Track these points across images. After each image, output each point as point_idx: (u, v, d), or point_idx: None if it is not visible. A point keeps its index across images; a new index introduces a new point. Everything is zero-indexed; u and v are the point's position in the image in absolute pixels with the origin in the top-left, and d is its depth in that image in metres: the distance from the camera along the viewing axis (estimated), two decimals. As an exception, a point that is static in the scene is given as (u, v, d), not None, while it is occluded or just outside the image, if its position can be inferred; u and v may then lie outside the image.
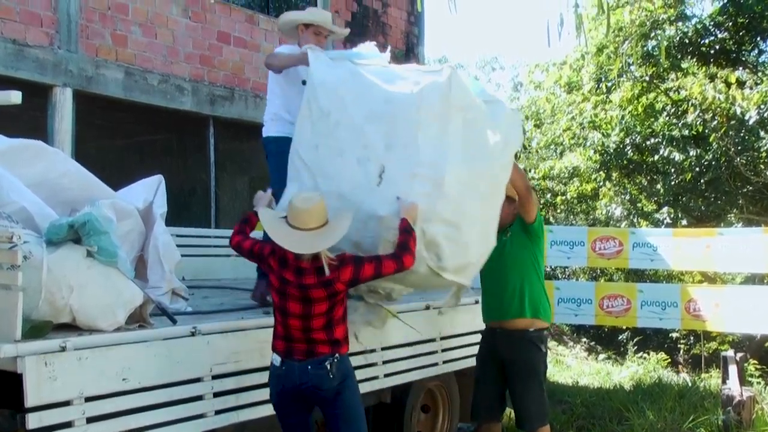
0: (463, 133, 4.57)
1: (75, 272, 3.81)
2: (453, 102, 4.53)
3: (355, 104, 4.70)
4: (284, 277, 4.10)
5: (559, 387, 10.73)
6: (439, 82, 4.54)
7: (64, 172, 4.63)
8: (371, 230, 4.46)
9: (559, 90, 17.88)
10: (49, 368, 3.44)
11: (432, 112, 4.51)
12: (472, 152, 4.59)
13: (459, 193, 4.52)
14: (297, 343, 4.11)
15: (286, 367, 4.10)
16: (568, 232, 10.76)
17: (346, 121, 4.70)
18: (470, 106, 4.66)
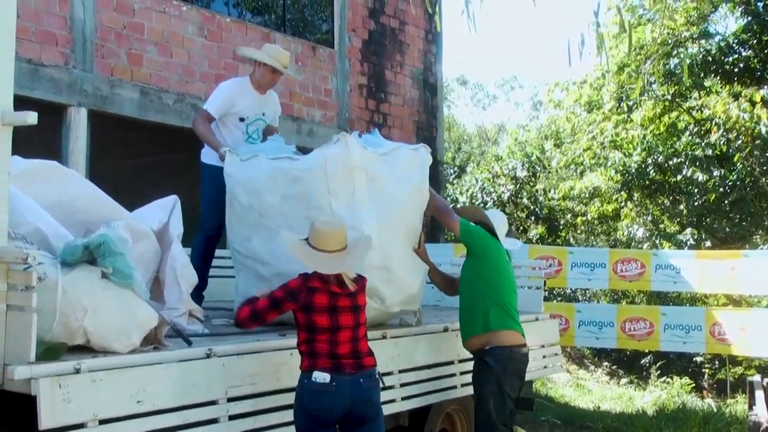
0: (368, 188, 5.22)
1: (89, 294, 3.84)
2: (354, 164, 5.16)
3: (269, 191, 5.33)
4: (333, 291, 4.30)
5: (580, 412, 10.68)
6: (338, 150, 5.15)
7: (79, 194, 4.67)
8: None
9: (580, 109, 17.89)
10: (63, 390, 3.46)
11: (338, 179, 5.11)
12: (382, 202, 5.24)
13: (381, 241, 5.11)
14: (345, 359, 4.25)
15: (337, 383, 4.18)
16: (588, 254, 10.76)
17: (267, 209, 5.34)
18: (370, 163, 5.29)
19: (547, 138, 21.02)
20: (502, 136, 33.71)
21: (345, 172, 5.15)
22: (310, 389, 4.20)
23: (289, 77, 6.86)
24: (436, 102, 13.52)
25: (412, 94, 12.93)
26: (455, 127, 34.28)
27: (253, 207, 5.41)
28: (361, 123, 11.88)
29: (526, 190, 19.80)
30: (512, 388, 5.38)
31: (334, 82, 11.44)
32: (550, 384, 13.17)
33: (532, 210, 19.76)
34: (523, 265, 8.09)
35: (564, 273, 10.00)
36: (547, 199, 19.82)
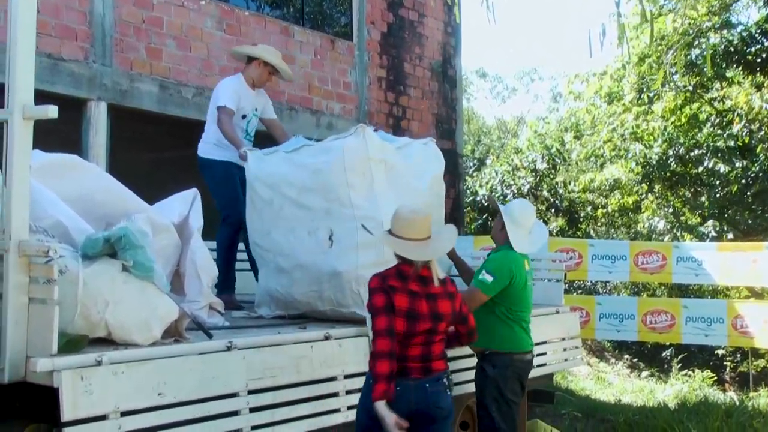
0: (387, 178, 5.30)
1: (110, 287, 3.86)
2: (372, 155, 5.23)
3: (288, 185, 5.44)
4: (411, 290, 4.12)
5: (601, 405, 10.64)
6: (356, 141, 5.22)
7: (100, 187, 4.70)
8: (337, 287, 5.18)
9: (600, 101, 17.81)
10: (85, 382, 3.48)
11: (356, 170, 5.17)
12: (399, 191, 5.28)
13: None
14: (413, 362, 4.11)
15: (401, 387, 4.05)
16: (609, 246, 10.72)
17: (286, 203, 5.44)
18: (386, 154, 5.40)
19: (567, 130, 20.92)
20: (521, 128, 33.62)
21: (363, 163, 5.20)
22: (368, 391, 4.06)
23: (285, 78, 7.31)
24: (456, 94, 13.49)
25: (432, 87, 12.90)
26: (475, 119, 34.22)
27: (273, 201, 5.50)
28: (380, 116, 11.88)
29: (546, 183, 19.74)
30: (514, 393, 5.27)
31: (353, 75, 11.44)
32: (570, 377, 13.14)
33: (552, 202, 19.69)
34: (544, 257, 8.07)
35: (584, 265, 9.97)
36: (567, 192, 19.75)
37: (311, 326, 5.08)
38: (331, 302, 5.26)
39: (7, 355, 3.54)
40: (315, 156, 5.40)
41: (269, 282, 5.60)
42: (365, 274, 4.81)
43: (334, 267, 5.15)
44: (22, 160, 3.70)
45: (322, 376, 4.60)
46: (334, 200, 5.20)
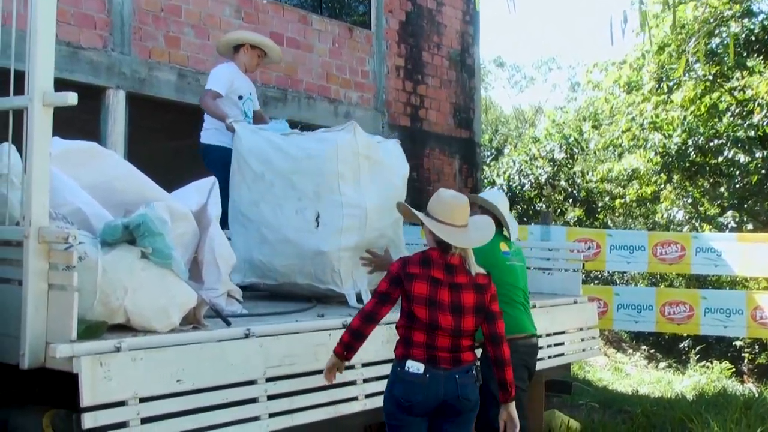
0: (370, 172, 5.91)
1: (129, 274, 3.87)
2: (360, 151, 5.84)
3: (282, 162, 5.89)
4: (434, 277, 4.03)
5: (618, 395, 10.62)
6: (349, 137, 5.79)
7: (119, 174, 4.70)
8: (319, 264, 5.71)
9: (618, 90, 17.69)
10: (104, 368, 3.50)
11: (346, 162, 5.75)
12: (380, 186, 5.91)
13: (379, 221, 5.85)
14: (442, 351, 4.02)
15: (431, 375, 3.98)
16: (627, 236, 10.66)
17: (278, 180, 5.89)
18: (372, 150, 5.99)
19: (585, 119, 20.80)
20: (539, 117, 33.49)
21: (353, 156, 5.79)
22: (402, 378, 4.02)
23: (272, 62, 7.89)
24: (474, 83, 13.44)
25: (450, 76, 12.86)
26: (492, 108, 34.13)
27: (264, 176, 5.93)
28: (398, 105, 11.85)
29: (563, 173, 19.66)
30: (520, 379, 5.15)
31: (371, 64, 11.41)
32: (588, 367, 13.11)
33: (569, 192, 19.62)
34: (562, 247, 8.06)
35: (602, 256, 9.92)
36: (584, 182, 19.67)
37: (329, 314, 5.09)
38: (310, 277, 5.78)
39: (27, 340, 3.56)
40: (309, 142, 5.92)
41: (251, 250, 5.95)
42: (345, 255, 5.68)
43: (318, 246, 5.68)
44: (42, 147, 3.71)
45: (340, 364, 4.59)
46: (323, 185, 5.74)
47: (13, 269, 3.74)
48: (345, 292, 5.71)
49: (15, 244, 3.74)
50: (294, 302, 5.76)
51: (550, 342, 6.78)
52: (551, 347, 6.79)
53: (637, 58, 16.91)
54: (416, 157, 12.06)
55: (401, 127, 11.86)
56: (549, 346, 6.75)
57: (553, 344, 6.85)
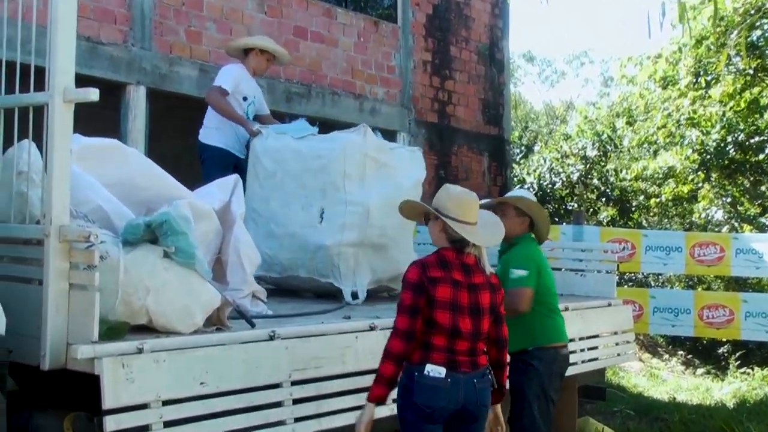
0: (377, 173, 6.29)
1: (152, 273, 3.89)
2: (368, 153, 6.25)
3: (293, 162, 6.39)
4: (454, 279, 3.99)
5: (654, 402, 10.55)
6: (358, 138, 6.25)
7: (141, 172, 4.74)
8: (320, 258, 6.15)
9: (654, 85, 17.56)
10: (127, 370, 3.52)
11: (353, 161, 6.18)
12: (386, 187, 6.25)
13: (382, 220, 6.13)
14: (462, 355, 3.99)
15: (452, 380, 3.94)
16: (664, 237, 10.59)
17: (288, 178, 6.39)
18: (381, 153, 6.40)
19: (619, 116, 20.67)
20: (570, 114, 33.33)
21: (360, 156, 6.20)
22: (421, 384, 3.92)
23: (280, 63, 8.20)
24: (503, 79, 13.40)
25: (478, 71, 12.83)
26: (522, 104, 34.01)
27: (276, 174, 6.41)
28: (425, 100, 11.84)
29: (596, 171, 19.54)
30: (555, 390, 5.19)
31: (397, 59, 11.41)
32: (622, 373, 13.03)
33: (602, 191, 19.49)
34: (595, 248, 8.02)
35: (637, 257, 9.85)
36: (618, 180, 19.54)
37: (356, 316, 5.10)
38: (312, 270, 6.21)
39: (47, 341, 3.59)
40: (320, 143, 6.39)
41: (259, 244, 6.05)
42: (345, 251, 6.09)
43: (321, 241, 6.12)
44: (63, 144, 3.74)
45: (367, 367, 4.57)
46: (329, 183, 6.20)
47: (34, 269, 3.77)
48: (342, 287, 6.07)
49: (35, 243, 3.78)
50: (320, 303, 5.79)
51: (584, 346, 6.76)
52: (584, 351, 6.77)
53: (673, 52, 16.77)
54: (444, 154, 12.05)
55: (428, 123, 11.85)
56: (582, 350, 6.73)
57: (587, 348, 6.82)
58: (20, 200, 4.04)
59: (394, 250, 6.35)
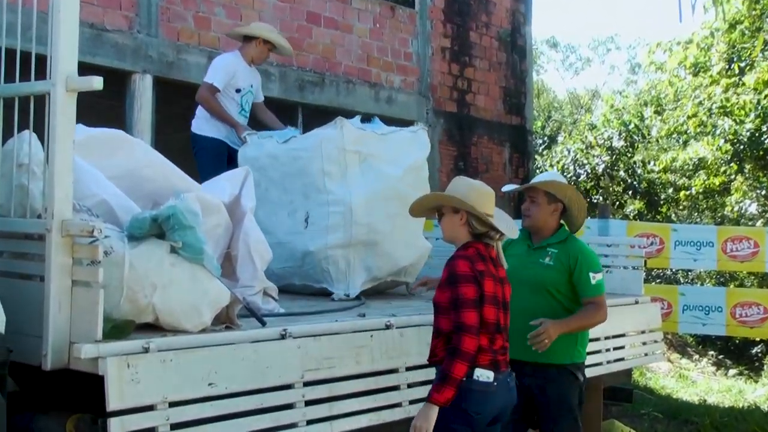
0: (361, 167, 6.22)
1: (158, 269, 3.89)
2: (347, 147, 6.16)
3: (272, 169, 6.43)
4: (493, 272, 4.04)
5: (684, 405, 10.51)
6: (334, 133, 6.20)
7: (147, 164, 4.74)
8: (309, 264, 6.18)
9: (684, 72, 17.47)
10: (132, 370, 3.51)
11: (331, 159, 6.15)
12: (372, 180, 6.19)
13: (369, 216, 6.10)
14: (500, 354, 4.02)
15: (498, 383, 3.96)
16: (694, 232, 10.51)
17: (272, 186, 6.41)
18: (365, 144, 6.29)
19: (647, 104, 20.58)
20: (596, 102, 33.22)
21: (338, 153, 6.14)
22: (472, 390, 3.89)
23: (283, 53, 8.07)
24: (525, 66, 13.36)
25: (499, 58, 12.80)
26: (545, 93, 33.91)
27: (260, 183, 6.19)
28: (443, 89, 11.82)
29: (622, 162, 19.47)
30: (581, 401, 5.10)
31: (414, 45, 11.39)
32: (649, 374, 12.99)
33: (629, 183, 19.43)
34: (621, 243, 7.97)
35: (666, 252, 9.80)
36: (646, 172, 19.47)
37: (371, 314, 5.08)
38: (305, 278, 6.27)
39: (49, 340, 3.59)
40: (297, 144, 6.42)
41: None
42: (333, 253, 6.08)
43: (306, 246, 6.14)
44: (65, 135, 3.73)
45: (382, 367, 4.58)
46: (310, 185, 6.21)
47: (35, 264, 3.78)
48: (336, 292, 6.07)
49: (37, 238, 3.78)
50: (334, 300, 5.78)
51: (609, 346, 6.72)
52: (610, 351, 6.73)
53: (705, 37, 16.68)
54: (463, 145, 12.03)
55: (447, 113, 11.83)
56: (608, 350, 6.69)
57: (612, 348, 6.78)
58: (21, 193, 4.04)
59: (387, 245, 6.27)
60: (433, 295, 4.13)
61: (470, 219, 4.07)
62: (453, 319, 3.90)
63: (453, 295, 3.92)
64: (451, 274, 3.97)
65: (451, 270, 3.98)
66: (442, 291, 4.02)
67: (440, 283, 4.06)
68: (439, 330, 4.04)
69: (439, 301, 4.03)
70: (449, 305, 3.94)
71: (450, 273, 3.98)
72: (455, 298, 3.91)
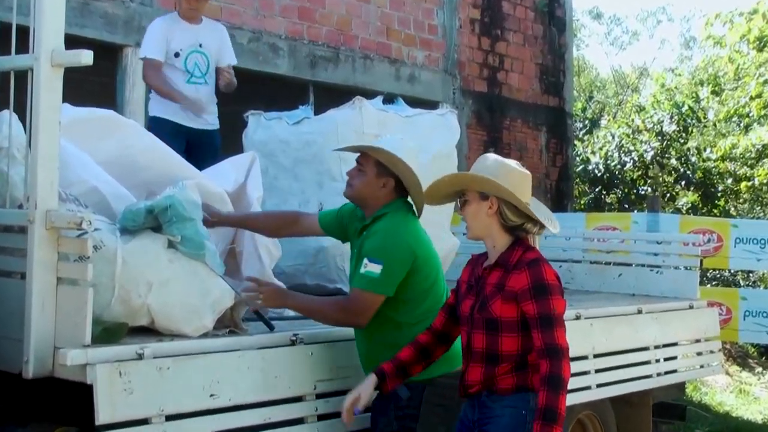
0: None
1: (154, 266, 3.90)
2: (367, 131, 6.06)
3: (282, 154, 6.43)
4: None
5: (744, 424, 10.49)
6: (352, 114, 6.19)
7: (142, 148, 4.75)
8: (323, 262, 6.14)
9: (747, 47, 17.36)
10: (124, 379, 3.52)
11: (349, 143, 5.72)
12: None
13: None
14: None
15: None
16: (757, 228, 10.46)
17: (281, 173, 6.43)
18: (387, 127, 6.18)
19: (703, 84, 20.47)
20: (644, 81, 33.09)
21: (357, 137, 5.93)
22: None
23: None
24: (565, 40, 13.33)
25: (535, 31, 12.77)
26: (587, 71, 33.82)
27: (268, 170, 6.27)
28: (472, 66, 11.81)
29: (674, 149, 19.39)
30: None
31: (440, 17, 11.37)
32: (705, 388, 12.94)
33: (682, 173, 19.34)
34: (673, 240, 7.96)
35: (725, 251, 9.75)
36: (701, 160, 19.37)
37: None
38: (318, 276, 6.22)
39: (31, 345, 3.60)
40: (309, 127, 6.40)
41: None
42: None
43: (320, 242, 5.93)
44: (50, 115, 3.74)
45: (404, 378, 4.58)
46: (324, 173, 6.20)
47: (16, 260, 3.80)
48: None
49: (17, 231, 3.80)
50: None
51: (660, 356, 6.71)
52: (660, 362, 6.72)
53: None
54: (494, 129, 12.02)
55: (476, 93, 11.81)
56: (658, 361, 6.68)
57: (663, 359, 6.77)
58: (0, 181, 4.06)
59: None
60: None
61: (503, 207, 3.75)
62: (541, 338, 3.60)
63: (542, 309, 3.62)
64: (538, 282, 3.65)
65: (537, 278, 3.65)
66: (508, 304, 3.69)
67: (502, 292, 3.70)
68: (497, 352, 3.72)
69: (500, 316, 3.71)
70: (529, 321, 3.65)
71: (536, 281, 3.65)
72: (545, 314, 3.61)
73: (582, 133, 22.43)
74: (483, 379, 3.76)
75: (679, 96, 20.51)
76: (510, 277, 3.69)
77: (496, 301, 3.70)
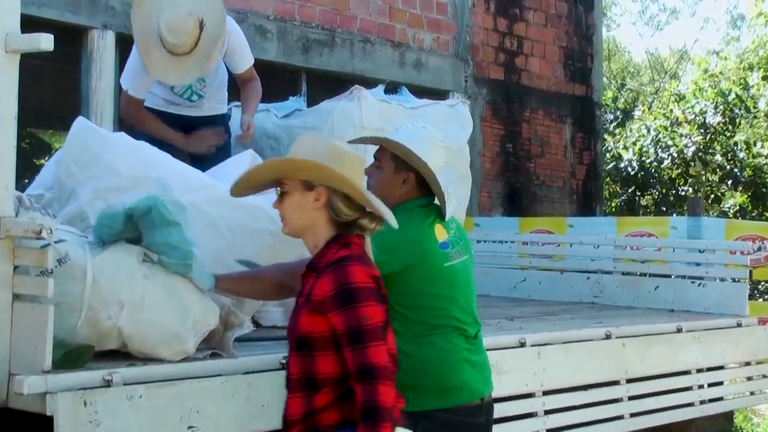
0: None
1: (128, 283, 3.84)
2: (366, 124, 6.20)
3: (272, 151, 6.43)
4: None
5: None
6: (349, 106, 6.34)
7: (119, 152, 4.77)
8: None
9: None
10: (90, 409, 3.51)
11: (346, 138, 5.82)
12: None
13: None
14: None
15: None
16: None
17: None
18: (388, 121, 6.22)
19: (753, 68, 20.50)
20: (684, 66, 33.11)
21: (355, 131, 6.06)
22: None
23: None
24: (593, 20, 13.34)
25: (559, 10, 12.79)
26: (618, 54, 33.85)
27: None
28: (487, 50, 11.82)
29: (719, 143, 19.42)
30: None
31: (450, -6, 11.39)
32: (756, 418, 12.94)
33: (728, 171, 19.37)
34: (718, 248, 7.95)
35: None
36: (750, 156, 19.41)
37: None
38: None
39: (-17, 371, 3.61)
40: (303, 120, 6.57)
41: None
42: None
43: None
44: (5, 108, 3.73)
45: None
46: None
47: (-34, 274, 3.79)
48: None
49: (-32, 240, 3.80)
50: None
51: (703, 381, 6.71)
52: (704, 388, 6.72)
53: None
54: (512, 122, 12.03)
55: (491, 80, 11.83)
56: (701, 386, 6.68)
57: (708, 384, 6.77)
58: (-53, 183, 4.05)
59: None
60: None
61: (333, 199, 3.48)
62: (353, 358, 3.26)
63: (349, 321, 3.27)
64: (341, 287, 3.31)
65: (341, 282, 3.32)
66: (315, 316, 3.35)
67: (309, 302, 3.39)
68: (313, 375, 3.38)
69: (310, 332, 3.36)
70: (338, 338, 3.31)
71: (338, 286, 3.32)
72: (353, 327, 3.27)
73: (613, 126, 22.49)
74: (304, 412, 3.40)
75: (725, 83, 20.54)
76: (317, 284, 3.39)
77: (303, 314, 3.39)
